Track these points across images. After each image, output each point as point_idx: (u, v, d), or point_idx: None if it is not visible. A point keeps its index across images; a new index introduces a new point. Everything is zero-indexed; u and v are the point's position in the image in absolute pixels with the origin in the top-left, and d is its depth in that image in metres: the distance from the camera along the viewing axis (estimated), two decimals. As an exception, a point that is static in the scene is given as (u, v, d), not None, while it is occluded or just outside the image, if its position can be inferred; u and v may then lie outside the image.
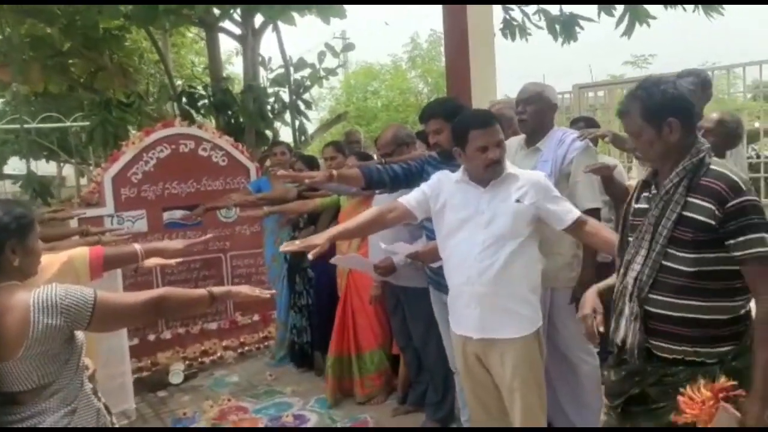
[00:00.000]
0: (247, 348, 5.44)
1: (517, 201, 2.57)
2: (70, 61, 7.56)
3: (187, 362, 5.05)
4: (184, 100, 7.20)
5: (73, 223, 4.48)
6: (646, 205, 2.01)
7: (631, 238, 2.03)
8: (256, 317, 5.49)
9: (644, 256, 1.93)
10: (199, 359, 5.17)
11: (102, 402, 1.96)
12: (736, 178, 1.84)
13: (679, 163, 1.90)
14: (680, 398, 1.81)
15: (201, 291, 2.12)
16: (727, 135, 3.23)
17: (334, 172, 3.05)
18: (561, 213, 2.58)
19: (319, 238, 2.58)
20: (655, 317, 1.93)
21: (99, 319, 1.82)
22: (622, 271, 2.02)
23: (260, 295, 2.27)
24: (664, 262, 1.90)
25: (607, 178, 3.20)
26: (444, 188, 2.72)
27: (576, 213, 2.59)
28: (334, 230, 2.76)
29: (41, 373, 1.76)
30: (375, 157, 4.25)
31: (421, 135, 3.82)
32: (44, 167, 14.40)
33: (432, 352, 3.68)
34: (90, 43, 7.13)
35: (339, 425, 3.94)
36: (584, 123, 3.88)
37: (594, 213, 2.95)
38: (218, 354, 5.27)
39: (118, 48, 7.72)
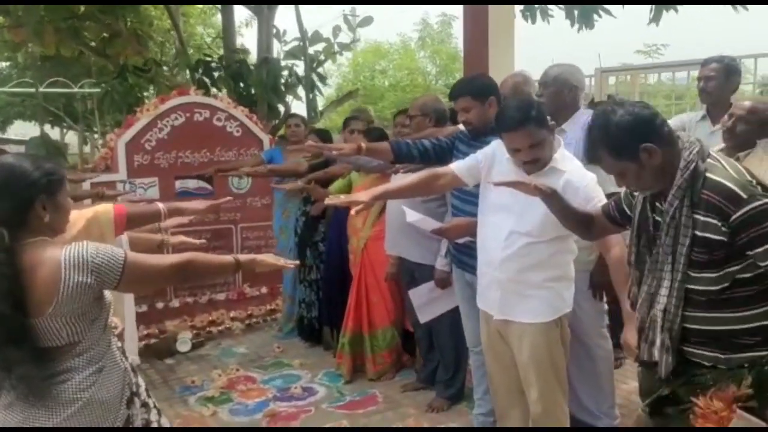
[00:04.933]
0: (254, 320, 5.45)
1: None
2: (85, 23, 7.48)
3: (194, 331, 5.05)
4: (199, 69, 7.14)
5: (85, 189, 4.48)
6: (660, 218, 1.91)
7: (647, 254, 1.94)
8: (264, 289, 5.50)
9: (668, 287, 1.85)
10: (207, 329, 5.17)
11: (129, 362, 1.95)
12: (733, 187, 1.73)
13: (673, 181, 1.81)
14: (696, 410, 1.76)
15: (227, 257, 2.10)
16: (761, 123, 3.17)
17: (363, 144, 3.02)
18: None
19: (364, 195, 2.57)
20: (686, 331, 1.86)
21: (128, 279, 1.80)
22: (644, 303, 1.92)
23: (285, 264, 2.25)
24: (689, 286, 1.82)
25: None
26: (497, 161, 2.65)
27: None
28: (378, 189, 2.74)
29: (70, 330, 1.74)
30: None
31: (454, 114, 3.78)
32: (48, 133, 14.34)
33: (444, 329, 3.69)
34: (105, 8, 7.05)
35: (348, 399, 3.94)
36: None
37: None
38: (226, 324, 5.27)
39: (132, 14, 7.63)
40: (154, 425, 1.98)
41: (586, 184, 2.48)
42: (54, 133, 15.85)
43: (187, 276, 2.05)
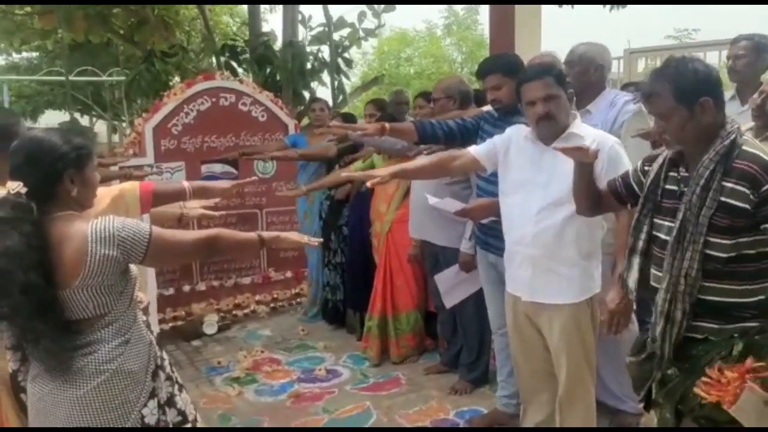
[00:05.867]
0: (279, 303, 5.49)
1: None
2: (114, 11, 7.56)
3: (220, 314, 5.11)
4: (226, 53, 7.18)
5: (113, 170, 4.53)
6: (675, 187, 1.93)
7: (659, 221, 1.95)
8: (288, 273, 5.53)
9: (691, 250, 1.84)
10: (233, 312, 5.22)
11: (154, 335, 1.98)
12: None
13: (709, 146, 1.83)
14: (703, 380, 1.78)
15: (251, 234, 2.11)
16: None
17: (387, 125, 3.00)
18: None
19: (381, 171, 2.58)
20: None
21: (153, 253, 1.82)
22: (670, 271, 1.89)
23: (309, 242, 2.25)
24: (705, 251, 1.83)
25: (658, 143, 3.11)
26: (513, 143, 2.65)
27: None
28: (396, 167, 2.73)
29: (97, 303, 1.77)
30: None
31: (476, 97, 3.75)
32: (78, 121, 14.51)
33: (468, 312, 3.68)
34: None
35: (371, 381, 3.96)
36: (635, 88, 3.77)
37: None
38: (251, 308, 5.31)
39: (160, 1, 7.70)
40: (177, 399, 2.00)
41: (611, 146, 2.49)
42: (83, 121, 16.07)
43: (212, 251, 2.06)
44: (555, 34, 7.55)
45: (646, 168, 2.06)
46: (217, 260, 5.12)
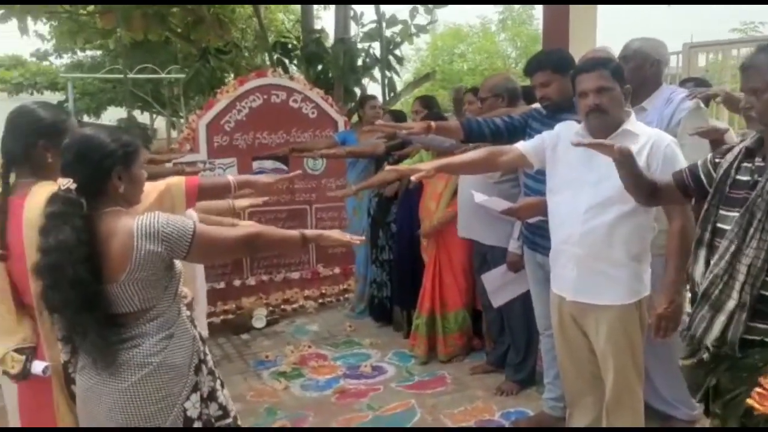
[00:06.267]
0: (327, 299, 5.54)
1: None
2: (171, 10, 7.74)
3: (269, 308, 5.18)
4: (278, 50, 7.26)
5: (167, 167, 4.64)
6: (747, 177, 1.84)
7: (725, 212, 1.87)
8: (337, 269, 5.56)
9: (758, 239, 1.74)
10: (281, 307, 5.29)
11: (197, 330, 2.01)
12: None
13: None
14: (757, 390, 1.69)
15: (294, 232, 2.12)
16: None
17: (433, 123, 2.97)
18: None
19: (426, 165, 2.55)
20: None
21: (197, 249, 1.85)
22: (726, 256, 1.81)
23: (351, 240, 2.25)
24: None
25: (716, 142, 2.98)
26: (562, 139, 2.58)
27: None
28: (440, 161, 2.71)
29: (142, 297, 1.81)
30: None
31: (525, 93, 3.69)
32: (138, 118, 14.92)
33: (516, 312, 3.63)
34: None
35: (416, 379, 3.95)
36: (694, 84, 3.64)
37: None
38: (299, 303, 5.38)
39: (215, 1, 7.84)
40: (219, 394, 2.03)
41: (667, 144, 2.40)
42: (144, 118, 16.51)
43: (254, 248, 2.08)
44: (612, 29, 7.36)
45: (717, 160, 1.99)
46: (266, 255, 5.19)
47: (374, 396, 3.74)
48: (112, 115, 17.05)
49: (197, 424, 1.89)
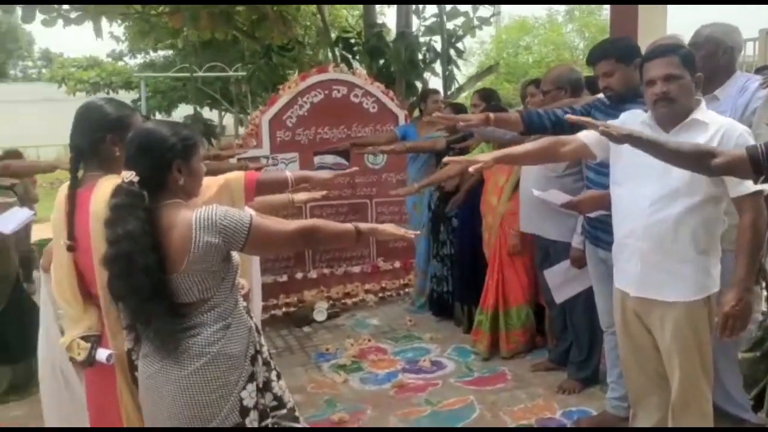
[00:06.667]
0: (387, 293, 5.55)
1: None
2: (237, 9, 7.91)
3: (330, 302, 5.24)
4: (340, 45, 7.32)
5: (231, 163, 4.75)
6: None
7: None
8: (397, 264, 5.57)
9: None
10: (342, 300, 5.34)
11: (253, 321, 2.04)
12: None
13: None
14: None
15: (348, 225, 2.12)
16: None
17: (491, 115, 2.93)
18: (736, 181, 2.25)
19: (485, 156, 2.51)
20: None
21: (253, 242, 1.87)
22: None
23: (405, 234, 2.24)
24: None
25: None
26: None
27: (748, 189, 2.22)
28: (500, 152, 2.66)
29: (201, 287, 1.85)
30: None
31: (589, 83, 3.59)
32: (207, 115, 15.37)
33: (579, 309, 3.54)
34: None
35: (476, 375, 3.91)
36: (770, 71, 3.45)
37: None
38: (360, 297, 5.41)
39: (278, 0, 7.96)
40: (274, 384, 2.06)
41: (740, 134, 2.28)
42: (213, 115, 16.98)
43: (309, 242, 2.10)
44: (683, 18, 7.06)
45: None
46: (327, 249, 5.24)
47: (433, 391, 3.73)
48: (183, 113, 17.59)
49: (253, 414, 1.92)
